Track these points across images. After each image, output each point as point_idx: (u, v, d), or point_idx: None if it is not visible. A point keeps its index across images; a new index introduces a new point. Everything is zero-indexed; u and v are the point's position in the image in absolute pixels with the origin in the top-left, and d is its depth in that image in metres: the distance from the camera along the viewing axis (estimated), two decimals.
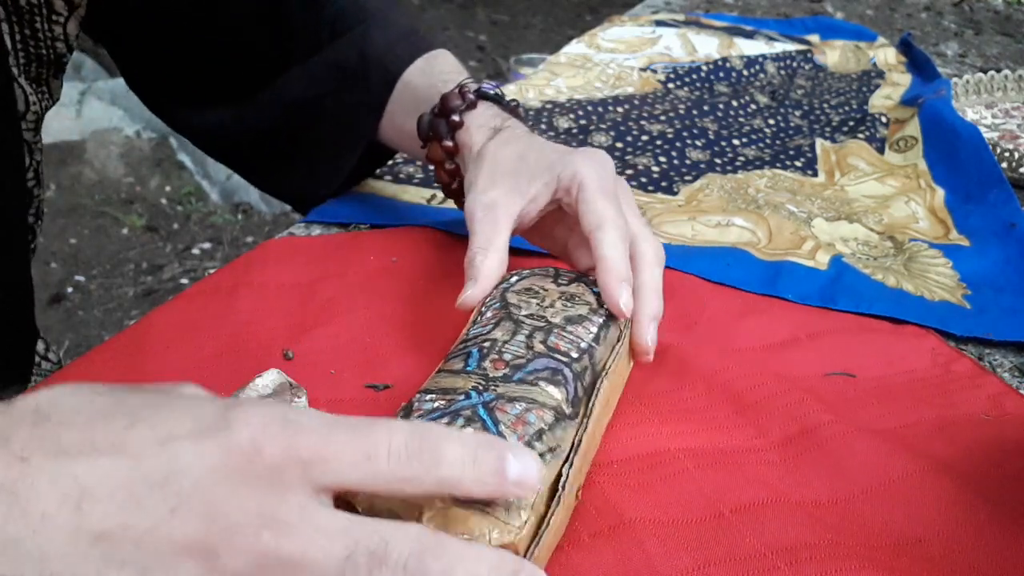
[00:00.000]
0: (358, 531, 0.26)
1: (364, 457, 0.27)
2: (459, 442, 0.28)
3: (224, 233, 2.37)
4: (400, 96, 0.60)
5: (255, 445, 0.26)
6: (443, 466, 0.27)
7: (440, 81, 0.57)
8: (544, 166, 0.48)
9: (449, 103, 0.54)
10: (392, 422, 0.28)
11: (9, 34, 0.49)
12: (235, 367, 0.47)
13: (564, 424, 0.35)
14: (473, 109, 0.54)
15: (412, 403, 0.36)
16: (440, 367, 0.39)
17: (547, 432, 0.34)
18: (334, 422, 0.27)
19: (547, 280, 0.45)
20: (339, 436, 0.27)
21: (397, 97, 0.60)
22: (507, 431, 0.33)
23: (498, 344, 0.39)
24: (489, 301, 0.44)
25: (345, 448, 0.27)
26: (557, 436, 0.34)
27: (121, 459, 0.25)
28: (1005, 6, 1.43)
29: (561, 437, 0.35)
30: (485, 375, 0.37)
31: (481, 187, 0.49)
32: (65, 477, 0.25)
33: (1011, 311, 0.56)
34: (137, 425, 0.26)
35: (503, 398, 0.35)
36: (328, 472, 0.26)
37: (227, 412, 0.27)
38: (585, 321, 0.41)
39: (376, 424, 0.28)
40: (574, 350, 0.39)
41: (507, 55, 3.17)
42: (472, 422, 0.34)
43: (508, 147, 0.50)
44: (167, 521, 0.25)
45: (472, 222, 0.47)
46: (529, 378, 0.37)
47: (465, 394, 0.35)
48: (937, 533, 0.38)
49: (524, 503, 0.31)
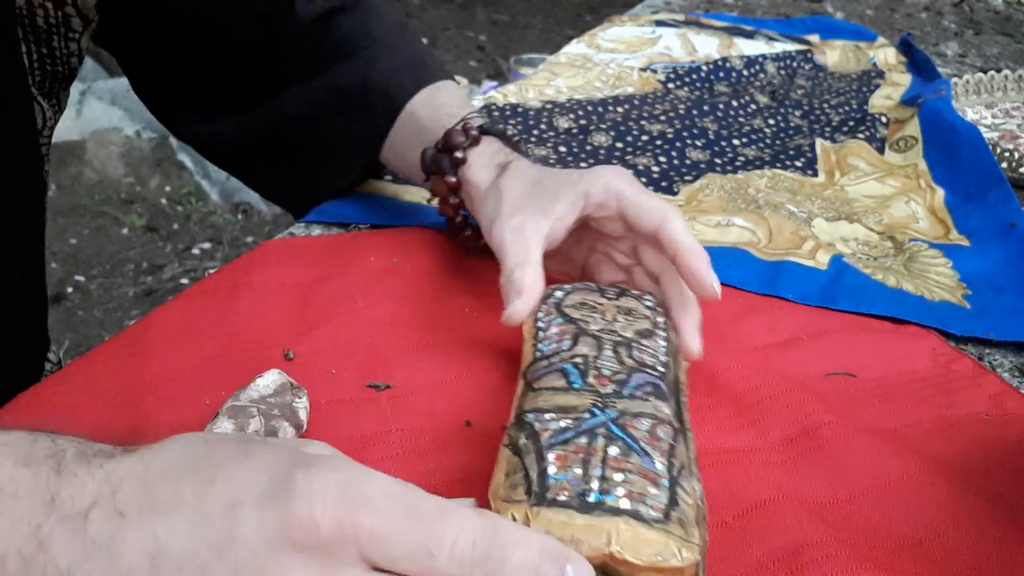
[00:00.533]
0: None
1: (424, 552, 0.25)
2: (525, 548, 0.26)
3: (224, 233, 2.37)
4: (404, 126, 0.60)
5: (313, 519, 0.25)
6: (503, 573, 0.26)
7: (444, 115, 0.57)
8: (565, 186, 0.49)
9: (452, 140, 0.54)
10: (465, 514, 0.26)
11: (27, 54, 0.49)
12: (235, 367, 0.47)
13: (679, 439, 0.35)
14: (476, 146, 0.54)
15: (531, 424, 0.34)
16: (531, 385, 0.38)
17: (675, 448, 0.33)
18: (402, 500, 0.26)
19: (596, 294, 0.45)
20: (402, 522, 0.25)
21: (400, 127, 0.60)
22: (648, 448, 0.32)
23: (591, 360, 0.38)
24: (544, 316, 0.43)
25: (406, 538, 0.25)
26: (679, 452, 0.34)
27: (194, 519, 0.26)
28: (1005, 6, 1.43)
29: (682, 453, 0.34)
30: (596, 392, 0.36)
31: (506, 214, 0.49)
32: (147, 533, 0.26)
33: (1011, 311, 0.56)
34: (216, 482, 0.27)
35: (627, 414, 0.34)
36: (383, 558, 0.26)
37: (294, 474, 0.26)
38: (653, 335, 0.41)
39: (447, 514, 0.26)
40: (659, 364, 0.39)
41: (507, 55, 3.17)
42: (612, 440, 0.32)
43: (521, 178, 0.51)
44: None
45: (503, 244, 0.47)
46: (639, 393, 0.36)
47: (588, 412, 0.34)
48: (938, 533, 0.38)
49: (691, 519, 0.31)
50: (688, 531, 0.30)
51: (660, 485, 0.31)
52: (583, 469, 0.31)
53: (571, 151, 0.79)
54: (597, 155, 0.79)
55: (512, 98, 0.90)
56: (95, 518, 0.26)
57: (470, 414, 0.44)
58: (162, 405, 0.44)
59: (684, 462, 0.34)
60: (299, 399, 0.42)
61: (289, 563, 0.25)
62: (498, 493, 0.32)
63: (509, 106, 0.87)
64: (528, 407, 0.36)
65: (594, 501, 0.30)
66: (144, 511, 0.26)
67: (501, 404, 0.45)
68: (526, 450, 0.33)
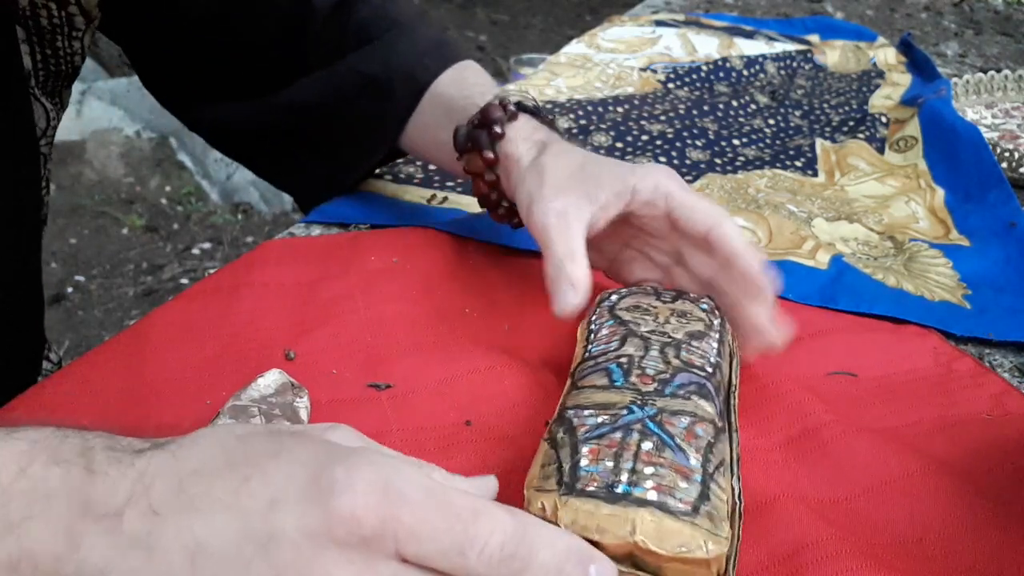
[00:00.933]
0: None
1: (457, 551, 0.26)
2: (551, 548, 0.27)
3: (224, 233, 2.37)
4: (430, 106, 0.60)
5: (356, 516, 0.26)
6: (528, 572, 0.27)
7: (476, 92, 0.57)
8: (613, 176, 0.48)
9: (490, 114, 0.53)
10: (497, 515, 0.27)
11: (30, 55, 0.49)
12: (236, 367, 0.47)
13: (722, 438, 0.35)
14: (515, 121, 0.53)
15: (569, 420, 0.35)
16: (575, 384, 0.38)
17: (714, 446, 0.34)
18: (439, 498, 0.27)
19: (651, 297, 0.45)
20: (439, 521, 0.26)
21: (426, 107, 0.60)
22: (684, 444, 0.33)
23: (636, 359, 0.38)
24: (595, 319, 0.44)
25: (442, 536, 0.26)
26: (720, 450, 0.34)
27: (233, 517, 0.26)
28: (1005, 6, 1.43)
29: (723, 451, 0.35)
30: (638, 390, 0.36)
31: (548, 195, 0.47)
32: (186, 532, 0.26)
33: (1011, 311, 0.56)
34: (253, 480, 0.27)
35: (666, 411, 0.35)
36: (418, 554, 0.26)
37: (334, 470, 0.26)
38: (706, 337, 0.41)
39: (481, 515, 0.27)
40: (707, 365, 0.39)
41: (507, 55, 3.17)
42: (647, 436, 0.33)
43: (565, 158, 0.50)
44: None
45: (547, 230, 0.46)
46: (681, 392, 0.36)
47: (626, 408, 0.35)
48: (938, 532, 0.38)
49: (722, 514, 0.31)
50: (717, 525, 0.30)
51: (692, 480, 0.31)
52: (614, 462, 0.32)
53: None
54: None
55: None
56: (130, 517, 0.26)
57: (470, 414, 0.44)
58: (162, 405, 0.44)
59: (724, 460, 0.34)
60: (300, 399, 0.42)
61: (332, 559, 0.26)
62: (532, 483, 0.33)
63: None
64: (570, 404, 0.37)
65: (621, 492, 0.31)
66: (181, 510, 0.26)
67: (501, 404, 0.45)
68: (562, 443, 0.34)
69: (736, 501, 0.33)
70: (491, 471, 0.40)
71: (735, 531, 0.32)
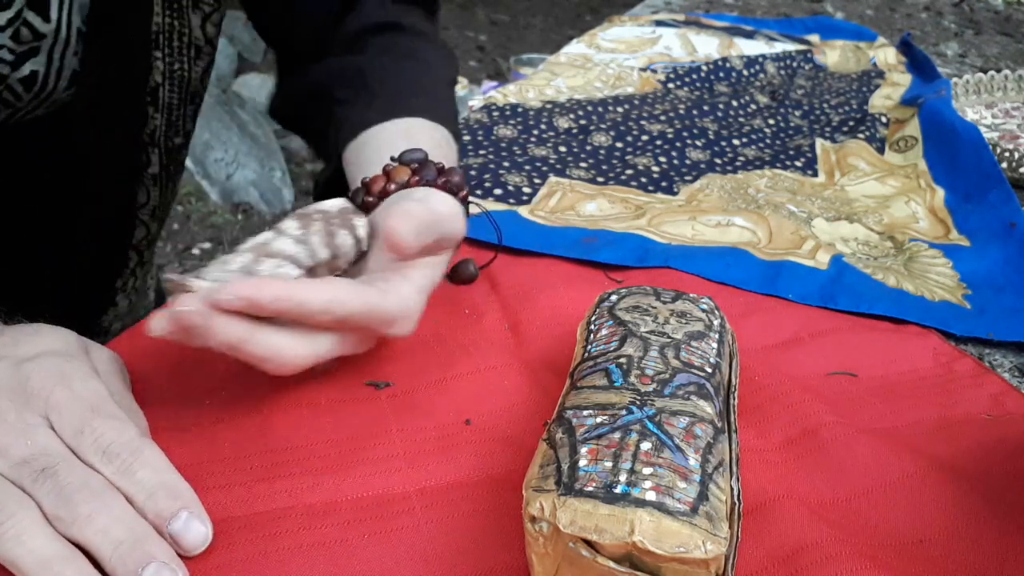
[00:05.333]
0: (44, 450, 0.35)
1: (77, 430, 0.36)
2: (153, 474, 0.36)
3: (224, 233, 2.37)
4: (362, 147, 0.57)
5: (27, 376, 0.38)
6: (126, 480, 0.35)
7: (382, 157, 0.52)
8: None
9: (355, 199, 0.49)
10: (128, 428, 0.37)
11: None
12: (236, 367, 0.46)
13: (721, 438, 0.35)
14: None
15: (568, 420, 0.35)
16: (575, 384, 0.38)
17: (713, 446, 0.34)
18: (92, 399, 0.38)
19: (651, 298, 0.45)
20: (77, 407, 0.37)
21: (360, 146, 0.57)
22: (683, 444, 0.33)
23: (635, 360, 0.38)
24: (595, 320, 0.44)
25: (74, 418, 0.37)
26: (719, 450, 0.34)
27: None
28: (1005, 6, 1.43)
29: (722, 451, 0.35)
30: (636, 390, 0.36)
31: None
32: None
33: (1011, 311, 0.56)
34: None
35: (665, 412, 0.35)
36: (57, 424, 0.37)
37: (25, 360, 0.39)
38: (705, 337, 0.41)
39: (111, 420, 0.37)
40: (707, 365, 0.39)
41: (507, 55, 3.17)
42: (646, 436, 0.33)
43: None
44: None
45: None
46: (680, 392, 0.36)
47: (626, 409, 0.35)
48: (939, 533, 0.38)
49: (721, 515, 0.31)
50: (716, 525, 0.30)
51: (691, 480, 0.31)
52: (613, 462, 0.32)
53: (571, 151, 0.79)
54: (597, 155, 0.79)
55: (512, 98, 0.90)
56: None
57: (470, 413, 0.44)
58: (162, 405, 0.44)
59: (723, 460, 0.34)
60: (360, 219, 0.45)
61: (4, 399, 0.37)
62: (531, 483, 0.33)
63: (509, 106, 0.87)
64: (569, 404, 0.37)
65: (620, 492, 0.30)
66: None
67: (501, 403, 0.45)
68: (561, 444, 0.34)
69: (735, 501, 0.33)
70: (491, 471, 0.40)
71: (734, 531, 0.32)
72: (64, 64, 0.51)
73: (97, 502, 0.34)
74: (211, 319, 0.37)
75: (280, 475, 0.40)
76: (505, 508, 0.38)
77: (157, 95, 0.59)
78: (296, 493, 0.38)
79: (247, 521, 0.37)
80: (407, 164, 0.48)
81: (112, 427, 0.37)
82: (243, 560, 0.35)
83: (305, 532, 0.36)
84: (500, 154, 0.77)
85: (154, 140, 0.61)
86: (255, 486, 0.39)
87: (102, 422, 0.37)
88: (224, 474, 0.39)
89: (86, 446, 0.36)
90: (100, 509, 0.34)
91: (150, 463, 0.36)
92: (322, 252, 0.43)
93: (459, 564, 0.35)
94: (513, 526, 0.37)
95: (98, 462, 0.36)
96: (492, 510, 0.38)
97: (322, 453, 0.41)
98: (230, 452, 0.41)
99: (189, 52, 0.59)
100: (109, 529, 0.33)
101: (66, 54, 0.51)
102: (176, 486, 0.36)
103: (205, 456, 0.40)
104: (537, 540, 0.31)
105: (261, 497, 0.38)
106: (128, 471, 0.35)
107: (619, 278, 0.58)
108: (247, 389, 0.45)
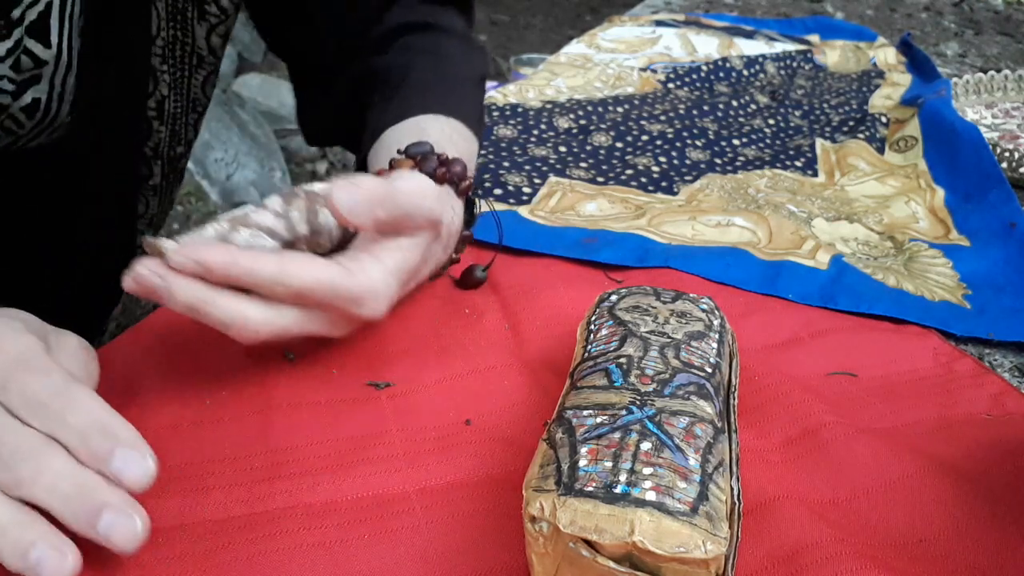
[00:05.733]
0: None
1: (2, 386, 0.34)
2: (84, 416, 0.34)
3: None
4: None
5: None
6: (57, 425, 0.33)
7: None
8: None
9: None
10: (55, 378, 0.35)
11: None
12: (236, 367, 0.47)
13: (721, 438, 0.35)
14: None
15: (568, 420, 0.35)
16: (575, 384, 0.38)
17: (713, 446, 0.34)
18: (20, 356, 0.35)
19: (651, 298, 0.45)
20: (3, 361, 0.35)
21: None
22: (683, 444, 0.33)
23: (635, 360, 0.38)
24: (595, 320, 0.44)
25: (27, 385, 0.35)
26: (719, 450, 0.34)
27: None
28: (1005, 6, 1.43)
29: (722, 451, 0.35)
30: (636, 390, 0.36)
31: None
32: None
33: (1011, 311, 0.56)
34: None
35: (665, 412, 0.35)
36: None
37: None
38: (705, 337, 0.41)
39: (36, 371, 0.35)
40: (707, 365, 0.39)
41: (507, 55, 3.17)
42: (646, 436, 0.33)
43: None
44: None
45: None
46: (680, 392, 0.36)
47: (626, 409, 0.35)
48: (939, 533, 0.38)
49: (721, 515, 0.31)
50: (716, 525, 0.30)
51: (691, 480, 0.31)
52: (613, 462, 0.32)
53: (571, 151, 0.79)
54: (597, 155, 0.79)
55: (512, 98, 0.90)
56: None
57: (470, 413, 0.44)
58: (162, 404, 0.44)
59: (723, 460, 0.34)
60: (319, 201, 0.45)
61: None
62: (530, 483, 0.33)
63: (509, 106, 0.87)
64: (569, 404, 0.37)
65: (620, 492, 0.30)
66: None
67: (501, 403, 0.45)
68: (561, 444, 0.34)
69: (735, 501, 0.33)
70: (490, 471, 0.41)
71: (734, 531, 0.32)
72: (66, 89, 0.50)
73: (34, 461, 0.33)
74: (169, 279, 0.38)
75: (280, 475, 0.40)
76: (505, 508, 0.38)
77: (163, 107, 0.59)
78: (296, 493, 0.39)
79: (247, 521, 0.37)
80: (412, 157, 0.49)
81: (37, 378, 0.35)
82: (243, 560, 0.35)
83: (305, 532, 0.36)
84: (500, 154, 0.77)
85: (157, 152, 0.61)
86: (255, 486, 0.39)
87: (26, 375, 0.35)
88: (224, 474, 0.39)
89: (14, 401, 0.34)
90: (40, 468, 0.32)
91: (80, 406, 0.34)
92: (301, 227, 0.43)
93: (459, 564, 0.35)
94: (513, 526, 0.37)
95: (28, 415, 0.34)
96: (492, 510, 0.38)
97: (322, 453, 0.41)
98: (230, 452, 0.41)
99: (190, 61, 0.58)
100: (55, 486, 0.32)
101: (67, 79, 0.50)
102: (108, 424, 0.34)
103: (205, 456, 0.41)
104: (537, 540, 0.31)
105: (261, 497, 0.38)
106: (58, 419, 0.34)
107: (619, 278, 0.58)
108: (247, 389, 0.45)
